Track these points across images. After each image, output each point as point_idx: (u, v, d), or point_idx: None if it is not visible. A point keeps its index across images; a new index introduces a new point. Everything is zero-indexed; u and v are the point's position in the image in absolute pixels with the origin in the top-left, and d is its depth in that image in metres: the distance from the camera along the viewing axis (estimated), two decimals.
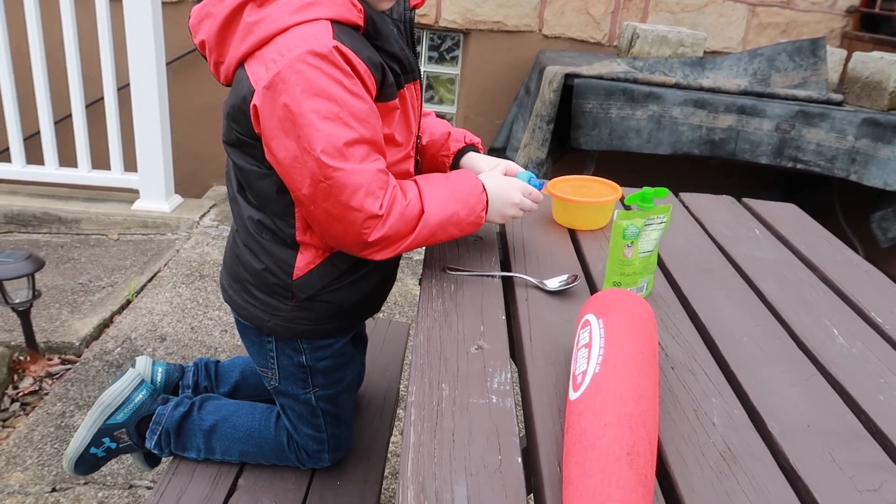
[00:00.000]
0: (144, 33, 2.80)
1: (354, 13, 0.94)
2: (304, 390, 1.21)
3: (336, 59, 0.89)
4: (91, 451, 1.29)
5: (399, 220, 0.99)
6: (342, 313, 1.16)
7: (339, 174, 0.92)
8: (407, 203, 1.00)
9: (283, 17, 0.90)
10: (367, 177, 0.94)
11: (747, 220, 1.47)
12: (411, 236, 1.01)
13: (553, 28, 3.64)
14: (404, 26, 1.08)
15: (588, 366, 0.75)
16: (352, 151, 0.92)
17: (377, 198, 0.96)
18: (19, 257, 1.97)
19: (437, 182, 1.07)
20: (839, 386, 0.89)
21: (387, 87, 0.99)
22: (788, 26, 3.68)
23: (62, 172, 3.07)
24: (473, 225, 1.07)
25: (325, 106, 0.89)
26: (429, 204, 1.02)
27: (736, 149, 2.85)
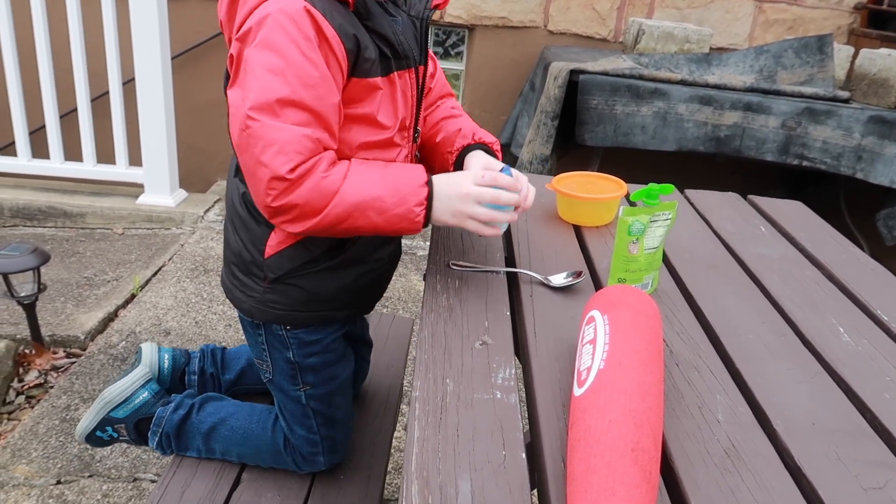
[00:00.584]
0: (150, 28, 2.80)
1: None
2: (295, 387, 1.19)
3: (301, 19, 0.88)
4: (97, 433, 1.32)
5: (312, 190, 0.92)
6: (316, 301, 1.12)
7: (257, 125, 0.89)
8: (326, 175, 0.93)
9: None
10: (285, 135, 0.90)
11: (753, 217, 1.46)
12: (323, 212, 0.94)
13: (558, 24, 3.63)
14: (420, 23, 1.07)
15: (593, 362, 0.75)
16: (284, 111, 0.89)
17: (290, 160, 0.90)
18: (25, 251, 1.98)
19: (375, 165, 1.00)
20: (844, 384, 0.89)
21: (365, 63, 0.96)
22: (795, 23, 3.66)
23: (67, 166, 3.08)
24: (403, 218, 0.97)
25: (273, 60, 0.88)
26: (350, 181, 0.94)
27: (741, 146, 2.84)
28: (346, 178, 0.94)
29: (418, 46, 1.07)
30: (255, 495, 1.20)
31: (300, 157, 0.91)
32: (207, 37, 3.55)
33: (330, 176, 0.93)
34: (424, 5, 1.08)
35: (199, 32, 3.54)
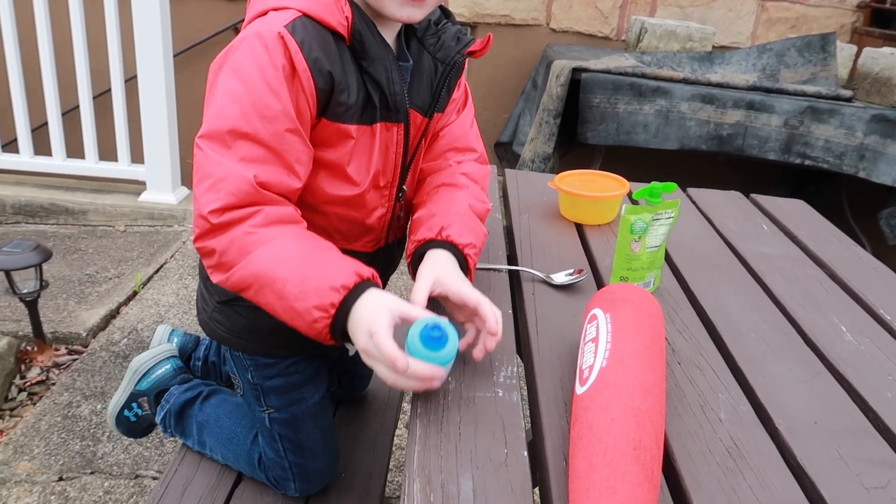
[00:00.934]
0: (152, 26, 2.80)
1: (336, 17, 0.83)
2: (260, 409, 1.12)
3: (274, 46, 0.79)
4: (125, 413, 1.33)
5: (231, 242, 0.79)
6: (257, 333, 1.03)
7: (199, 154, 0.81)
8: (252, 232, 0.79)
9: (265, 2, 0.85)
10: (223, 170, 0.79)
11: (755, 216, 1.46)
12: (231, 270, 0.80)
13: (561, 22, 3.63)
14: (445, 69, 0.95)
15: (595, 360, 0.75)
16: (235, 143, 0.80)
17: (219, 200, 0.78)
18: (27, 248, 1.98)
19: (308, 243, 0.82)
20: (847, 383, 0.89)
21: (340, 106, 0.85)
22: (798, 21, 3.66)
23: (69, 163, 3.08)
24: (301, 317, 0.77)
25: (236, 86, 0.80)
26: (269, 248, 0.79)
27: (744, 144, 2.84)
28: (268, 243, 0.79)
29: (431, 95, 0.95)
30: (257, 493, 1.20)
31: (231, 200, 0.79)
32: (209, 34, 3.55)
33: (255, 234, 0.79)
34: (458, 49, 0.96)
35: (201, 30, 3.54)
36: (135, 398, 1.33)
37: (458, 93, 1.05)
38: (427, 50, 0.95)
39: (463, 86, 1.06)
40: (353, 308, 0.76)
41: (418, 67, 0.95)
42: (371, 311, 0.75)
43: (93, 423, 1.87)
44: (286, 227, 0.82)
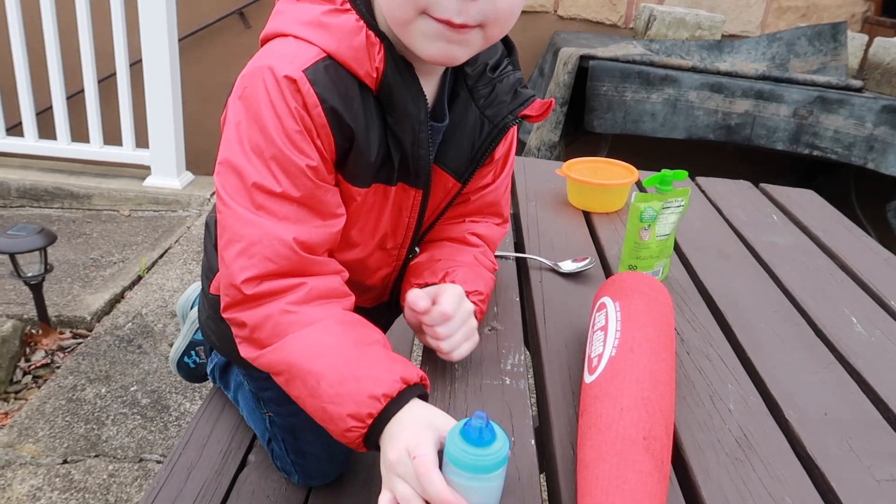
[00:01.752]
0: (157, 9, 2.78)
1: (365, 66, 0.72)
2: (261, 410, 1.08)
3: (289, 92, 0.69)
4: (185, 359, 1.32)
5: (266, 318, 0.71)
6: None
7: (225, 211, 0.72)
8: (291, 311, 0.70)
9: (291, 23, 0.74)
10: (255, 233, 0.70)
11: (765, 205, 1.45)
12: (262, 350, 0.72)
13: (568, 9, 3.60)
14: (492, 129, 0.83)
15: (604, 349, 0.74)
16: (263, 200, 0.70)
17: (254, 267, 0.70)
18: (32, 231, 1.97)
19: (352, 334, 0.72)
20: (857, 374, 0.88)
21: (355, 166, 0.76)
22: (808, 10, 3.62)
23: (74, 147, 3.07)
24: (333, 421, 0.68)
25: (255, 136, 0.70)
26: (308, 334, 0.70)
27: (752, 134, 2.82)
28: (306, 327, 0.70)
29: (471, 158, 0.84)
30: (261, 477, 1.20)
31: (269, 267, 0.70)
32: (215, 18, 3.53)
33: (293, 314, 0.70)
34: (511, 109, 0.82)
35: (207, 14, 3.52)
36: (193, 346, 1.33)
37: (503, 150, 0.91)
38: (476, 102, 0.82)
39: (510, 141, 0.92)
40: (392, 419, 0.66)
41: (461, 122, 0.82)
42: (414, 430, 0.63)
43: (97, 407, 1.87)
44: (329, 307, 0.73)
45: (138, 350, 2.11)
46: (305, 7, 0.74)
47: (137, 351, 2.11)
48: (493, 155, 0.88)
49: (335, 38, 0.71)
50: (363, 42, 0.71)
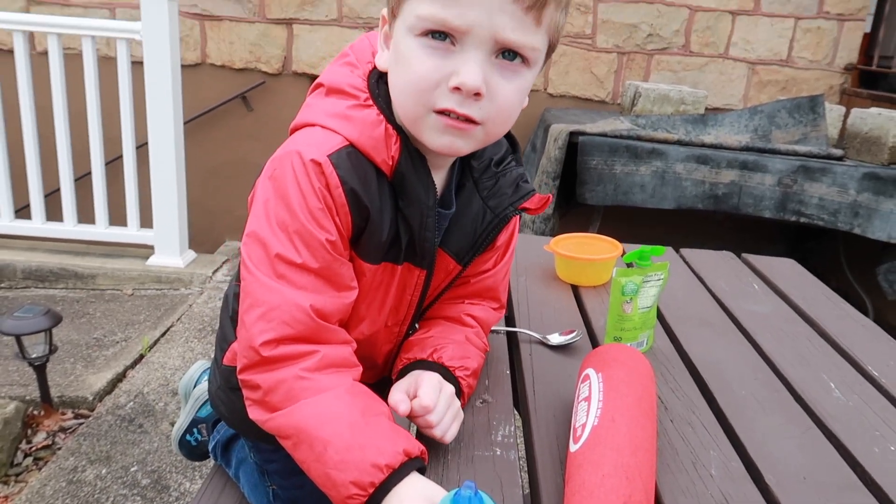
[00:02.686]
0: (164, 95, 2.91)
1: (382, 154, 0.79)
2: (265, 483, 1.07)
3: (314, 174, 0.76)
4: (187, 437, 1.33)
5: (280, 382, 0.75)
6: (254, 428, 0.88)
7: (249, 278, 0.77)
8: (305, 377, 0.75)
9: (318, 115, 0.82)
10: (275, 299, 0.75)
11: (746, 275, 1.50)
12: (273, 414, 0.76)
13: (558, 87, 3.75)
14: (494, 218, 0.89)
15: (587, 418, 0.78)
16: (284, 270, 0.76)
17: (272, 330, 0.75)
18: (38, 313, 2.02)
19: (360, 404, 0.76)
20: (835, 439, 0.91)
21: (368, 244, 0.82)
22: (788, 83, 3.78)
23: (80, 229, 3.15)
24: (335, 488, 0.72)
25: (281, 211, 0.77)
26: (317, 404, 0.74)
27: (739, 203, 2.90)
28: (317, 394, 0.75)
29: (472, 243, 0.90)
30: None
31: (286, 331, 0.75)
32: (218, 102, 3.68)
33: (306, 380, 0.75)
34: (512, 201, 0.89)
35: (211, 98, 3.67)
36: (196, 424, 1.34)
37: (504, 237, 0.96)
38: (480, 193, 0.89)
39: (511, 230, 0.98)
40: (392, 490, 0.70)
41: (466, 210, 0.88)
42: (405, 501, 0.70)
43: (97, 489, 1.87)
44: (340, 376, 0.78)
45: (139, 429, 2.13)
46: (333, 101, 0.82)
47: (138, 430, 2.12)
48: (495, 242, 0.94)
49: (358, 129, 0.79)
50: (382, 134, 0.79)
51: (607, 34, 3.70)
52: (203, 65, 3.70)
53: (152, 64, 2.87)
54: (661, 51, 3.73)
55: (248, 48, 3.69)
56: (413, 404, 0.81)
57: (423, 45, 0.73)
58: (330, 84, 0.83)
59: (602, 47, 3.72)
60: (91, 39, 2.90)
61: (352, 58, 0.84)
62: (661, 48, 3.73)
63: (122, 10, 3.64)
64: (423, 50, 0.73)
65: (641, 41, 3.71)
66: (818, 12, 3.68)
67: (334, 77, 0.83)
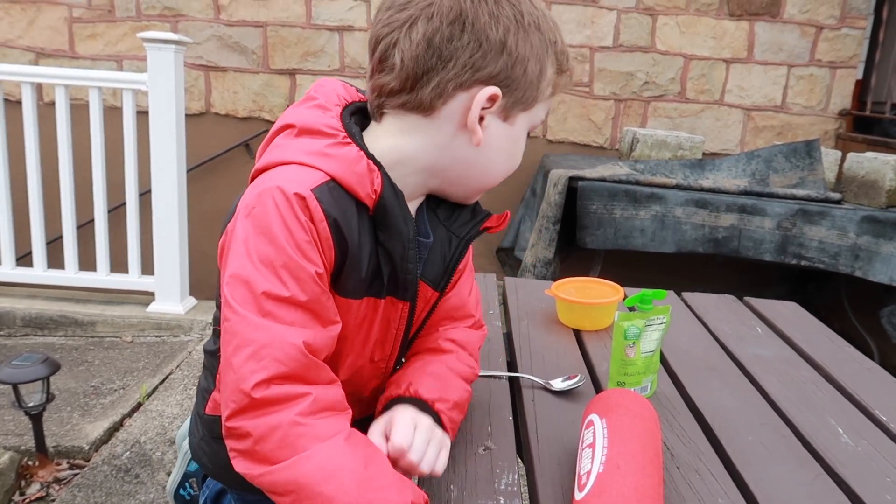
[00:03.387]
0: (168, 144, 2.95)
1: (366, 189, 0.80)
2: None
3: (298, 207, 0.75)
4: (181, 491, 1.31)
5: (271, 431, 0.71)
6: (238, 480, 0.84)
7: (235, 318, 0.75)
8: (303, 423, 0.72)
9: (295, 153, 0.81)
10: (265, 336, 0.73)
11: (749, 318, 1.50)
12: (269, 467, 0.72)
13: (557, 133, 3.80)
14: (459, 242, 0.92)
15: (592, 465, 0.77)
16: (272, 307, 0.74)
17: (264, 370, 0.72)
18: (35, 361, 2.01)
19: (366, 456, 0.75)
20: (846, 486, 0.89)
21: (347, 281, 0.82)
22: (783, 129, 3.83)
23: (81, 276, 3.16)
24: None
25: (263, 247, 0.75)
26: (318, 457, 0.71)
27: (739, 246, 2.91)
28: (316, 443, 0.72)
29: (444, 270, 0.92)
30: None
31: (279, 369, 0.72)
32: (222, 150, 3.73)
33: (302, 426, 0.72)
34: (473, 224, 0.93)
35: (214, 146, 3.72)
36: (187, 478, 1.33)
37: (464, 262, 0.99)
38: (442, 223, 0.92)
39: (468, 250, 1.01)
40: None
41: (435, 243, 0.91)
42: None
43: None
44: (336, 421, 0.76)
45: (135, 480, 2.09)
46: (307, 141, 0.82)
47: (134, 481, 2.08)
48: (456, 275, 0.96)
49: (339, 165, 0.79)
50: (364, 168, 0.80)
51: (604, 82, 3.77)
52: (207, 114, 3.76)
53: (157, 113, 2.92)
54: (658, 98, 3.79)
55: (252, 97, 3.75)
56: (388, 448, 0.80)
57: None
58: (303, 125, 0.83)
59: (599, 95, 3.78)
60: (98, 90, 2.96)
61: (321, 101, 0.86)
62: (657, 95, 3.79)
63: (128, 62, 3.71)
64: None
65: (638, 88, 3.78)
66: (810, 60, 3.75)
67: (306, 118, 0.84)
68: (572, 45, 3.70)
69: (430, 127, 0.84)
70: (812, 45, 3.73)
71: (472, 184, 0.90)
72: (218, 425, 0.80)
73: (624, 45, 3.72)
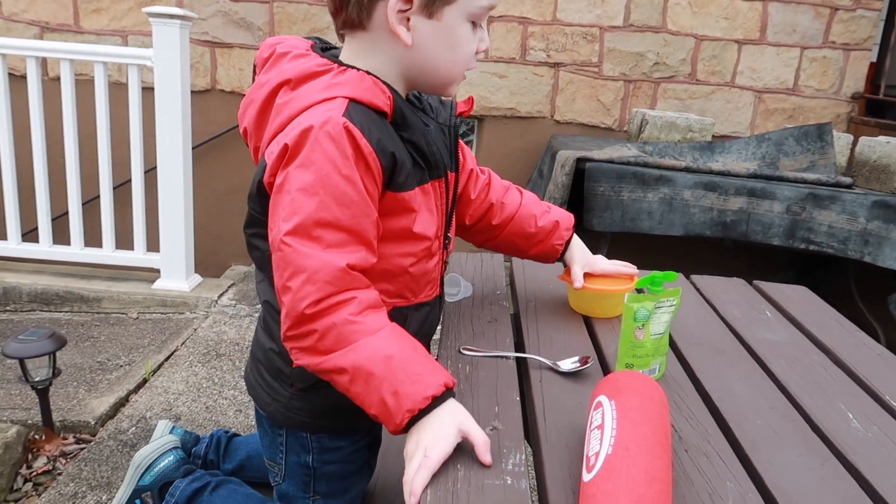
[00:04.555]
0: (173, 120, 2.93)
1: (381, 98, 0.92)
2: (305, 495, 1.14)
3: (341, 138, 0.86)
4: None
5: (329, 329, 0.86)
6: (341, 413, 1.06)
7: (288, 250, 0.86)
8: (353, 322, 0.86)
9: (309, 96, 0.91)
10: (315, 263, 0.86)
11: (759, 302, 1.48)
12: (328, 356, 0.87)
13: (565, 114, 3.76)
14: (449, 131, 1.08)
15: (601, 447, 0.76)
16: (318, 232, 0.86)
17: (317, 291, 0.85)
18: (42, 336, 2.01)
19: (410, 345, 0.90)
20: (855, 470, 0.88)
21: (401, 176, 0.94)
22: (795, 112, 3.78)
23: (87, 252, 3.15)
24: (387, 414, 0.86)
25: (308, 179, 0.86)
26: (371, 345, 0.86)
27: (748, 230, 2.88)
28: (369, 335, 0.86)
29: (448, 153, 1.07)
30: None
31: (328, 289, 0.86)
32: (227, 128, 3.70)
33: (355, 324, 0.86)
34: (450, 113, 1.09)
35: (220, 123, 3.70)
36: (138, 494, 1.32)
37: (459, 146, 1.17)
38: (430, 116, 1.06)
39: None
40: (430, 413, 0.85)
41: (435, 132, 1.05)
42: (437, 433, 0.84)
43: None
44: (380, 316, 0.89)
45: None
46: (311, 84, 0.93)
47: None
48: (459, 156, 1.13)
49: (351, 88, 0.90)
50: (370, 83, 0.92)
51: (613, 62, 3.72)
52: (213, 91, 3.74)
53: (163, 89, 2.90)
54: (668, 79, 3.75)
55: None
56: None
57: (470, 28, 0.95)
58: (297, 75, 0.93)
59: (608, 75, 3.74)
60: (103, 65, 2.93)
61: (296, 51, 0.97)
62: (667, 76, 3.75)
63: (133, 37, 3.68)
64: (471, 31, 0.96)
65: (648, 69, 3.73)
66: (823, 42, 3.70)
67: (296, 69, 0.94)
68: (582, 25, 3.66)
69: (374, 40, 0.95)
70: (826, 27, 3.68)
71: (433, 81, 0.99)
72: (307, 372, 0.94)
73: (635, 24, 3.67)
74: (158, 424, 1.42)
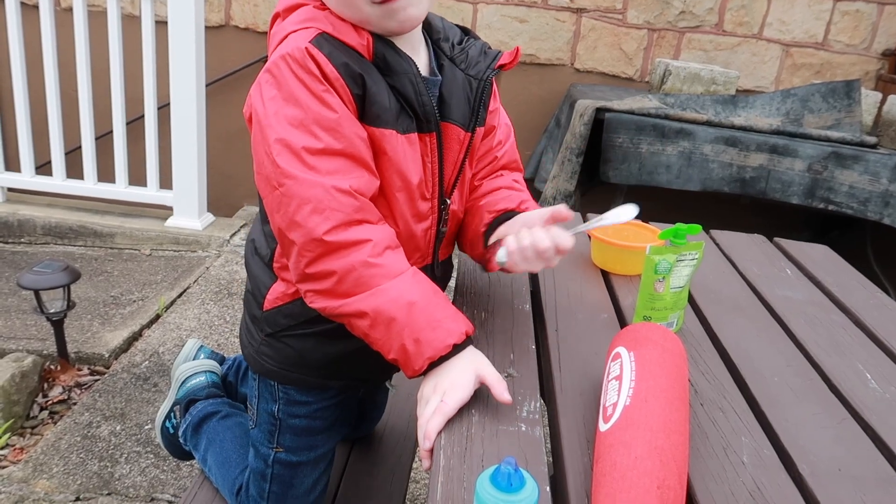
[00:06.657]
0: (187, 56, 2.88)
1: (355, 38, 0.87)
2: (269, 444, 1.12)
3: (305, 61, 0.83)
4: (166, 423, 1.36)
5: (348, 271, 0.83)
6: (310, 366, 1.04)
7: (290, 182, 0.83)
8: (373, 264, 0.84)
9: (285, 28, 0.89)
10: (318, 192, 0.82)
11: (779, 259, 1.46)
12: (348, 299, 0.84)
13: (585, 62, 3.68)
14: (479, 84, 0.98)
15: (619, 398, 0.75)
16: (314, 161, 0.83)
17: (328, 220, 0.82)
18: (57, 268, 2.02)
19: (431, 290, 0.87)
20: (871, 430, 0.88)
21: (373, 108, 0.87)
22: (823, 67, 3.68)
23: (100, 187, 3.15)
24: (407, 359, 0.85)
25: (288, 110, 0.83)
26: (392, 291, 0.84)
27: (767, 188, 2.84)
28: (389, 279, 0.84)
29: (470, 109, 0.98)
30: None
31: (339, 217, 0.83)
32: (241, 65, 3.64)
33: (375, 266, 0.84)
34: (488, 64, 0.99)
35: (234, 61, 3.63)
36: (174, 406, 1.36)
37: (494, 104, 1.07)
38: (458, 66, 0.98)
39: (497, 98, 1.10)
40: (449, 360, 0.84)
41: (453, 83, 0.97)
42: (454, 380, 0.83)
43: (111, 444, 1.88)
44: (398, 257, 0.87)
45: (154, 388, 2.13)
46: (293, 16, 0.91)
47: (153, 389, 2.13)
48: (489, 108, 1.03)
49: (324, 23, 0.87)
50: (347, 24, 0.88)
51: (638, 10, 3.61)
52: (227, 27, 3.66)
53: (176, 24, 2.84)
54: (693, 29, 3.64)
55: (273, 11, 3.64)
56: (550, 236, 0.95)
57: None
58: (283, 7, 0.93)
59: (632, 23, 3.63)
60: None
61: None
62: (693, 26, 3.64)
63: None
64: None
65: (673, 18, 3.62)
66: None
67: (284, 3, 0.94)
68: None
69: None
70: None
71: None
72: (282, 316, 0.98)
73: None
74: (188, 343, 1.44)
